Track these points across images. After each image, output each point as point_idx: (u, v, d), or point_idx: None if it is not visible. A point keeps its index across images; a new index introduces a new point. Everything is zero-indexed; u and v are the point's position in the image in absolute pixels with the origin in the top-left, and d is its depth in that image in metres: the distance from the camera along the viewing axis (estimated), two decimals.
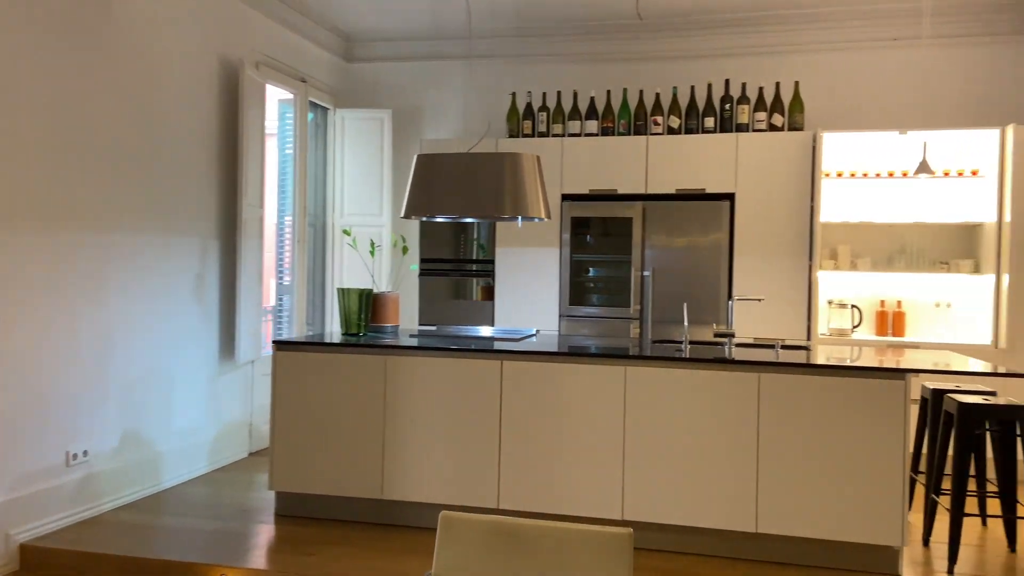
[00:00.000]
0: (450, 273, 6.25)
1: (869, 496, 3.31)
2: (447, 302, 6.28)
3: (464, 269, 6.25)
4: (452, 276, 6.28)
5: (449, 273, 6.25)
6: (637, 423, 3.57)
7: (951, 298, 5.56)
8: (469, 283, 6.26)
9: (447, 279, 6.28)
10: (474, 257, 6.20)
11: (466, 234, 6.26)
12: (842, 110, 5.64)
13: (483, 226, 6.12)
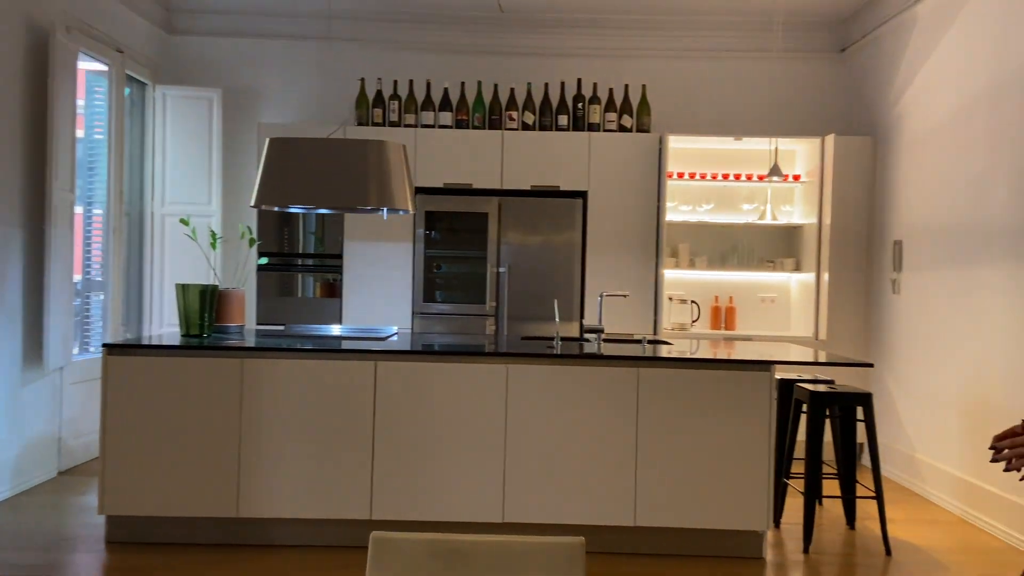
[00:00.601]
0: (291, 268, 5.86)
1: (738, 484, 3.47)
2: (287, 299, 5.89)
3: (307, 264, 5.89)
4: (293, 271, 5.89)
5: (290, 268, 5.86)
6: (519, 422, 3.50)
7: (776, 294, 6.03)
8: (312, 279, 5.91)
9: (287, 274, 5.88)
10: (317, 251, 5.86)
11: (308, 227, 5.90)
12: (685, 114, 5.93)
13: (329, 219, 5.79)
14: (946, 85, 4.60)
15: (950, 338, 4.44)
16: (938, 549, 3.73)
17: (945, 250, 4.53)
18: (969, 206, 4.28)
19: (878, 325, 5.34)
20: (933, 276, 4.67)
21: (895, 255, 5.11)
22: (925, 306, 4.76)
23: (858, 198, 5.45)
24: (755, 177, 5.81)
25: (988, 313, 4.09)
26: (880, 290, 5.32)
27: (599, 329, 4.01)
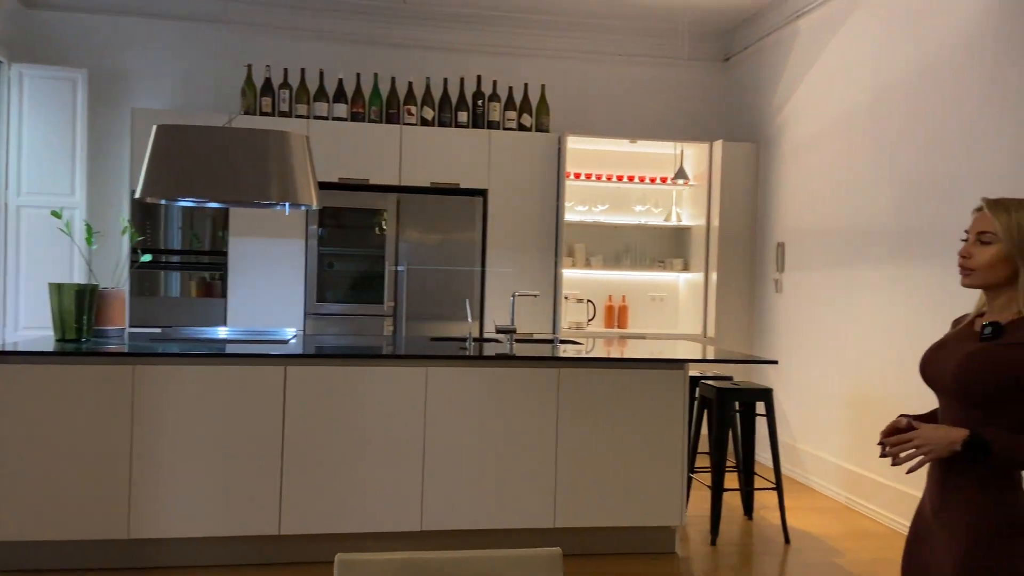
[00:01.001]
0: (169, 266, 5.46)
1: (653, 480, 3.54)
2: (159, 300, 5.49)
3: (186, 262, 5.51)
4: (171, 269, 5.49)
5: (168, 266, 5.46)
6: (439, 427, 3.41)
7: (665, 293, 6.24)
8: (188, 277, 5.53)
9: (159, 273, 5.47)
10: (195, 248, 5.49)
11: (185, 221, 5.51)
12: (582, 116, 6.02)
13: (211, 213, 5.44)
14: (827, 96, 4.90)
15: (832, 334, 4.74)
16: (830, 536, 3.97)
17: (827, 252, 4.83)
18: (852, 211, 4.59)
19: (762, 322, 5.63)
20: (815, 276, 4.97)
21: (778, 256, 5.41)
22: (806, 304, 5.06)
23: (743, 202, 5.73)
24: (648, 179, 5.98)
25: (869, 311, 4.39)
26: (764, 289, 5.61)
27: (511, 329, 3.98)
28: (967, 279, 1.76)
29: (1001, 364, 1.67)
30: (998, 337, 1.69)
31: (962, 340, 1.79)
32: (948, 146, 3.82)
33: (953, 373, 1.72)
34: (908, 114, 4.12)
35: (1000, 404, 1.67)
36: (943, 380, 1.76)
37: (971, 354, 1.71)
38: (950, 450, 1.64)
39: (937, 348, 1.83)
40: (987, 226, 1.72)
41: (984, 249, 1.72)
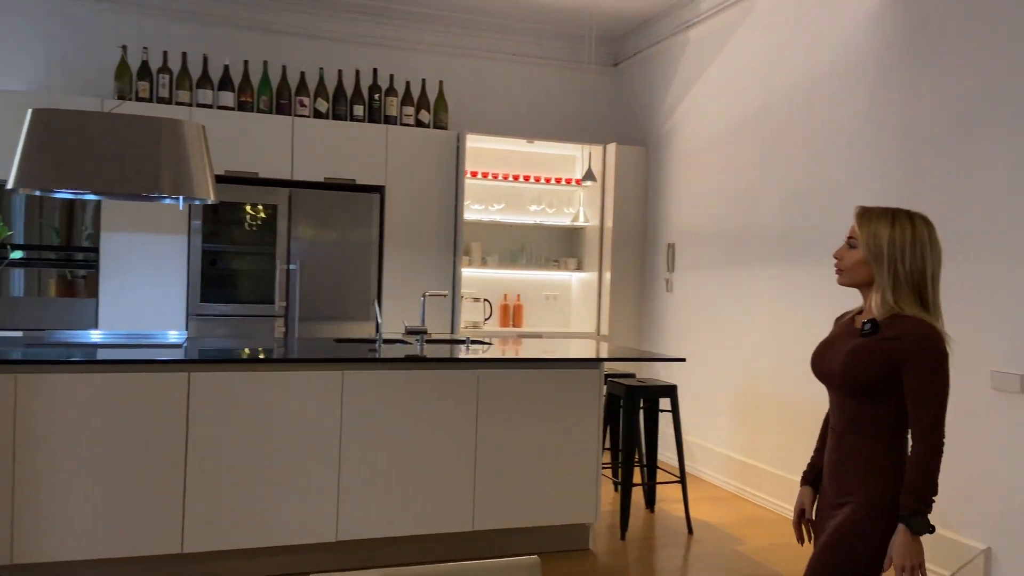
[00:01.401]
0: (28, 263, 4.98)
1: (570, 479, 3.60)
2: (18, 299, 5.00)
3: (46, 258, 5.05)
4: (31, 266, 5.01)
5: (27, 263, 4.97)
6: (355, 433, 3.30)
7: (558, 292, 6.35)
8: (54, 275, 5.07)
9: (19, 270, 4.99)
10: (57, 244, 5.05)
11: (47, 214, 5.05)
12: (480, 114, 6.01)
13: (78, 206, 5.01)
14: (717, 104, 5.15)
15: (721, 331, 5.00)
16: (727, 524, 4.18)
17: (717, 253, 5.08)
18: (741, 214, 4.84)
19: (653, 320, 5.85)
20: (704, 275, 5.22)
21: (668, 256, 5.64)
22: (696, 303, 5.30)
23: (635, 203, 5.92)
24: (544, 179, 6.06)
25: (757, 308, 4.66)
26: (655, 288, 5.83)
27: (422, 330, 3.92)
28: (839, 278, 1.99)
29: (879, 356, 1.85)
30: (875, 333, 1.88)
31: (846, 337, 1.97)
32: (832, 156, 4.11)
33: (841, 367, 1.90)
34: (794, 124, 4.40)
35: (880, 392, 1.87)
36: (832, 374, 1.94)
37: (854, 349, 1.90)
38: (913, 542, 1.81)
39: (825, 346, 2.01)
40: (854, 232, 1.94)
41: (852, 252, 1.94)
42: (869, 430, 1.90)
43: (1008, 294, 3.12)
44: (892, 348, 1.84)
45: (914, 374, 1.82)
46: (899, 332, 1.84)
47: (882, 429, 1.88)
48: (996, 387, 3.15)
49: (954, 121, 3.39)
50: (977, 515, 3.23)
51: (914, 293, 1.88)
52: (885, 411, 1.87)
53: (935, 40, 3.50)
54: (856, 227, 1.93)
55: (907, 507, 1.81)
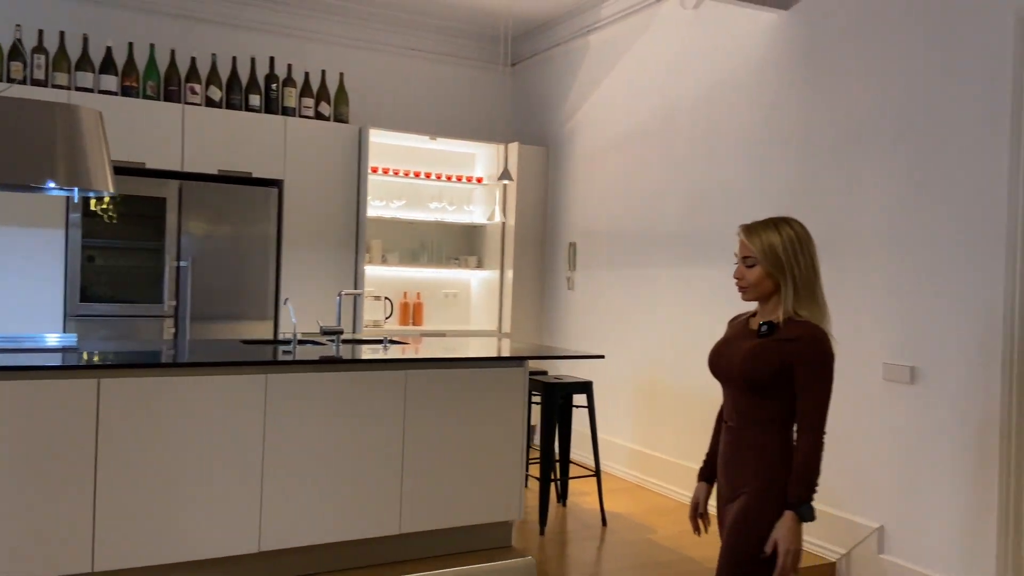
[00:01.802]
0: None
1: (496, 477, 3.63)
2: None
3: None
4: None
5: None
6: (279, 438, 3.19)
7: (457, 290, 6.37)
8: None
9: None
10: None
11: None
12: (381, 109, 5.92)
13: None
14: (618, 109, 5.33)
15: (623, 328, 5.18)
16: (637, 514, 4.35)
17: (620, 252, 5.26)
18: (644, 215, 5.04)
19: (554, 318, 5.97)
20: (607, 275, 5.39)
21: (570, 255, 5.78)
22: (598, 301, 5.47)
23: (536, 202, 6.02)
24: (445, 177, 6.05)
25: (660, 306, 4.87)
26: (556, 286, 5.96)
27: (338, 330, 3.84)
28: (745, 295, 2.14)
29: (775, 356, 2.03)
30: (772, 334, 2.06)
31: (742, 338, 2.15)
32: (732, 162, 4.36)
33: (740, 366, 2.08)
34: (696, 131, 4.63)
35: (774, 389, 2.04)
36: (731, 372, 2.12)
37: (753, 349, 2.08)
38: (797, 528, 2.00)
39: (723, 346, 2.19)
40: (747, 251, 2.09)
41: (751, 271, 2.09)
42: (761, 424, 2.07)
43: (897, 292, 3.43)
44: (787, 349, 2.02)
45: (805, 373, 2.01)
46: (794, 335, 2.03)
47: (773, 423, 2.07)
48: (887, 378, 3.45)
49: (847, 132, 3.69)
50: (870, 496, 3.53)
51: (809, 292, 2.07)
52: (776, 406, 2.05)
53: (830, 57, 3.79)
54: (746, 244, 2.09)
55: (795, 495, 2.00)
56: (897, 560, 3.39)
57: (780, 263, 2.05)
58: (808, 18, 3.92)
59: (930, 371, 3.29)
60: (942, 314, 3.25)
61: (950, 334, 3.21)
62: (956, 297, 3.19)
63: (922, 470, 3.31)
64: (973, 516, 3.10)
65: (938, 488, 3.24)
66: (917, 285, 3.35)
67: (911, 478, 3.36)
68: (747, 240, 2.09)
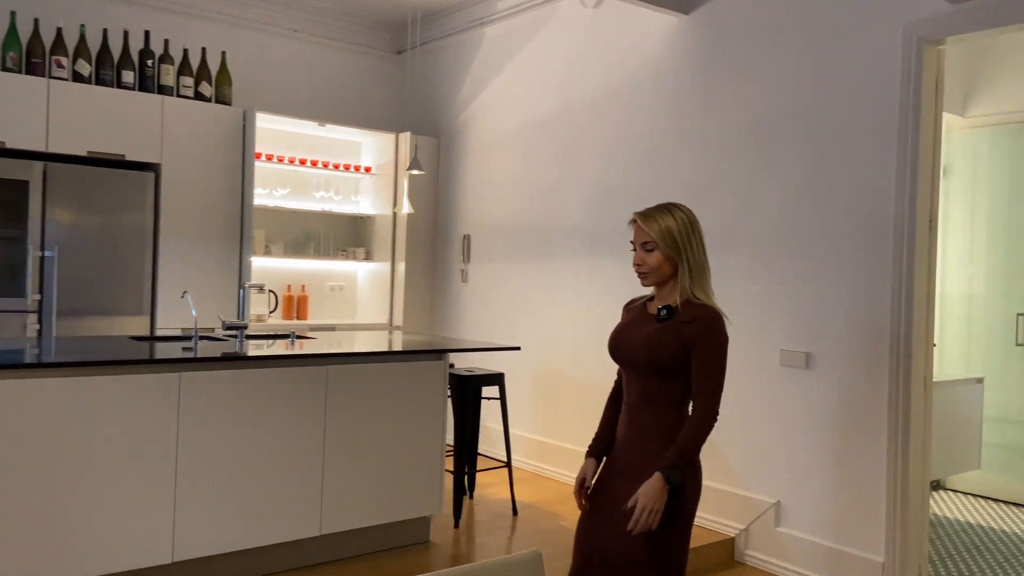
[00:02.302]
0: None
1: (417, 472, 3.59)
2: None
3: None
4: None
5: None
6: (193, 441, 3.00)
7: (344, 282, 6.21)
8: None
9: None
10: None
11: None
12: (265, 92, 5.65)
13: None
14: (515, 102, 5.39)
15: (522, 320, 5.27)
16: (544, 502, 4.44)
17: (519, 244, 5.33)
18: (545, 209, 5.13)
19: (448, 311, 5.96)
20: (504, 267, 5.45)
21: (464, 247, 5.79)
22: (493, 293, 5.52)
23: (428, 194, 5.98)
24: (332, 165, 5.88)
25: (561, 298, 4.99)
26: (449, 279, 5.95)
27: (242, 325, 3.66)
28: (646, 281, 2.22)
29: (676, 339, 2.13)
30: (671, 317, 2.16)
31: (642, 322, 2.24)
32: (634, 158, 4.53)
33: (643, 350, 2.16)
34: (598, 127, 4.77)
35: (676, 370, 2.14)
36: (633, 355, 2.20)
37: (654, 333, 2.17)
38: (662, 492, 2.06)
39: (621, 330, 2.27)
40: (646, 236, 2.18)
41: (650, 255, 2.18)
42: (662, 404, 2.19)
43: (794, 283, 3.71)
44: (686, 331, 2.12)
45: (702, 353, 2.12)
46: (692, 316, 2.13)
47: (672, 402, 2.19)
48: (784, 363, 3.73)
49: (745, 132, 3.94)
50: (767, 474, 3.80)
51: (702, 274, 2.19)
52: (676, 387, 2.16)
53: (728, 61, 4.02)
54: (644, 230, 2.17)
55: (670, 460, 2.08)
56: (793, 532, 3.68)
57: (678, 246, 2.15)
58: (708, 23, 4.14)
59: (824, 357, 3.58)
60: (835, 304, 3.54)
61: (842, 323, 3.52)
62: (848, 288, 3.50)
63: (816, 448, 3.60)
64: (863, 487, 3.42)
65: (831, 463, 3.54)
66: (812, 277, 3.64)
67: (806, 455, 3.65)
68: (645, 225, 2.17)
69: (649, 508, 2.05)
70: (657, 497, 2.05)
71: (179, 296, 4.90)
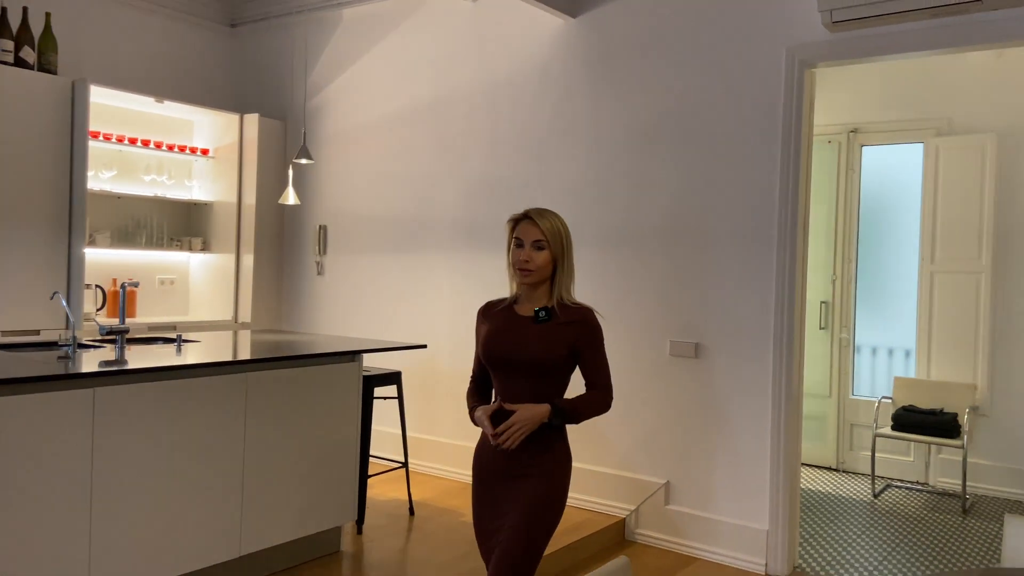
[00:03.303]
0: None
1: (332, 481, 3.45)
2: None
3: None
4: None
5: None
6: (108, 466, 2.66)
7: (175, 275, 5.71)
8: None
9: None
10: None
11: None
12: (94, 63, 5.01)
13: None
14: (382, 90, 5.27)
15: (389, 315, 5.18)
16: (436, 499, 4.45)
17: (387, 236, 5.22)
18: (418, 201, 5.07)
19: (301, 306, 5.69)
20: (368, 259, 5.32)
21: (320, 239, 5.56)
22: (354, 287, 5.37)
23: (275, 179, 5.65)
24: (165, 146, 5.37)
25: (435, 292, 4.98)
26: (302, 272, 5.68)
27: (123, 329, 3.30)
28: (529, 278, 2.23)
29: (562, 340, 2.20)
30: (550, 319, 2.22)
31: (519, 326, 2.25)
32: (518, 156, 4.64)
33: (535, 351, 2.18)
34: (477, 122, 4.81)
35: (561, 370, 2.23)
36: (522, 358, 2.19)
37: (539, 335, 2.21)
38: (540, 421, 2.17)
39: (498, 335, 2.25)
40: (538, 235, 2.21)
41: (539, 254, 2.21)
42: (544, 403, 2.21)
43: (683, 278, 4.03)
44: (571, 332, 2.21)
45: (590, 350, 2.23)
46: (573, 317, 2.22)
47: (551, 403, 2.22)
48: (674, 353, 4.05)
49: (634, 134, 4.20)
50: (658, 457, 4.12)
51: (572, 278, 2.28)
52: (556, 386, 2.23)
53: (617, 65, 4.26)
54: (538, 228, 2.20)
55: (563, 405, 2.19)
56: (682, 509, 4.02)
57: (563, 247, 2.23)
58: (596, 28, 4.34)
59: (712, 346, 3.95)
60: (723, 297, 3.91)
61: (730, 315, 3.89)
62: (735, 283, 3.88)
63: (704, 430, 3.96)
64: (748, 463, 3.83)
65: (719, 444, 3.92)
66: (701, 272, 3.98)
67: (695, 438, 4.00)
68: (541, 223, 2.21)
69: (519, 425, 2.12)
70: (533, 422, 2.14)
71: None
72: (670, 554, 3.95)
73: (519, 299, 2.29)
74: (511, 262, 2.27)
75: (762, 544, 3.77)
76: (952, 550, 4.19)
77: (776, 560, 3.75)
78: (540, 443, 2.21)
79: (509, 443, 2.14)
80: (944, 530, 4.54)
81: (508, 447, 2.15)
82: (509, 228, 2.29)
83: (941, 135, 5.54)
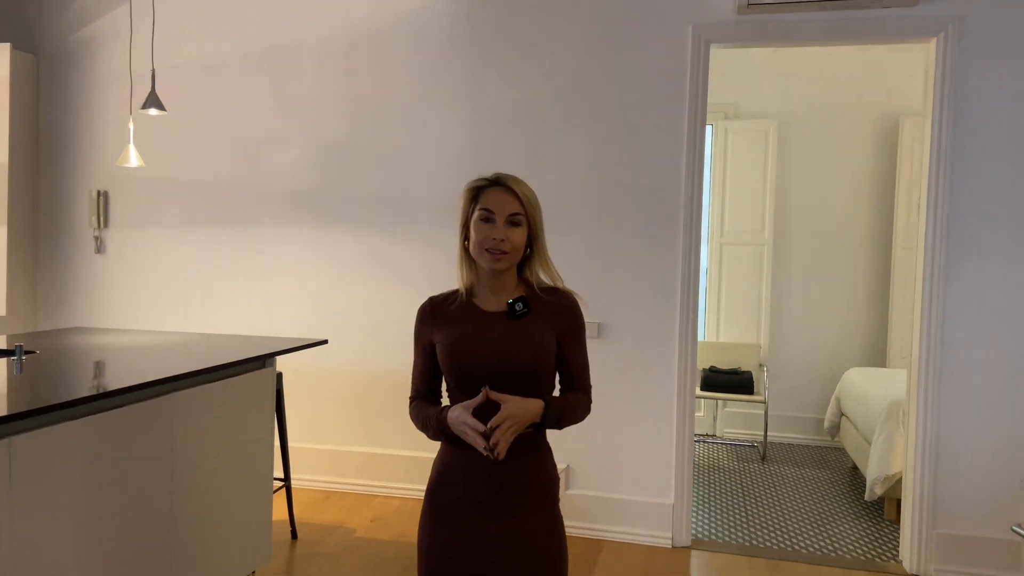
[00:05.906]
0: None
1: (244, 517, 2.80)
2: None
3: None
4: None
5: None
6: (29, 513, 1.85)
7: None
8: None
9: None
10: None
11: None
12: None
13: None
14: (193, 29, 4.36)
15: (205, 300, 4.37)
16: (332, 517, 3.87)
17: (202, 206, 4.38)
18: (246, 165, 4.33)
19: (69, 291, 4.56)
20: (169, 233, 4.42)
21: (99, 208, 4.50)
22: (149, 267, 4.45)
23: (24, 132, 4.43)
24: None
25: (272, 277, 4.29)
26: (73, 249, 4.56)
27: None
28: (502, 263, 1.74)
29: (551, 336, 1.77)
30: (530, 312, 1.76)
31: (490, 323, 1.77)
32: (385, 121, 4.14)
33: (528, 356, 1.74)
34: (331, 80, 4.20)
35: (549, 376, 1.80)
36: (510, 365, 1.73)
37: (522, 334, 1.75)
38: (531, 421, 1.71)
39: (468, 337, 1.75)
40: (515, 207, 1.74)
41: (516, 230, 1.73)
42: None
43: (586, 259, 3.94)
44: (556, 323, 1.78)
45: (574, 344, 1.83)
46: (555, 306, 1.79)
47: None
48: None
49: (525, 106, 3.99)
50: (557, 442, 3.99)
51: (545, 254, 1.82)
52: (540, 389, 1.78)
53: (505, 35, 4.01)
54: (514, 198, 1.75)
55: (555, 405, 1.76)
56: (585, 492, 3.98)
57: (539, 220, 1.78)
58: None
59: (615, 327, 3.91)
60: (626, 279, 3.90)
61: (634, 295, 3.89)
62: (639, 264, 3.88)
63: (607, 412, 3.94)
64: (653, 441, 3.89)
65: (622, 423, 3.92)
66: (603, 253, 3.92)
67: (596, 421, 3.96)
68: (517, 191, 1.75)
69: (510, 423, 1.64)
70: (526, 419, 1.68)
71: None
72: (576, 539, 3.88)
73: (474, 290, 1.78)
74: (475, 242, 1.72)
75: (668, 518, 3.87)
76: (768, 493, 4.68)
77: (681, 532, 3.87)
78: (532, 457, 1.76)
79: (499, 448, 1.62)
80: (751, 477, 5.05)
81: (498, 455, 1.62)
82: (467, 198, 1.77)
83: (728, 119, 6.08)
